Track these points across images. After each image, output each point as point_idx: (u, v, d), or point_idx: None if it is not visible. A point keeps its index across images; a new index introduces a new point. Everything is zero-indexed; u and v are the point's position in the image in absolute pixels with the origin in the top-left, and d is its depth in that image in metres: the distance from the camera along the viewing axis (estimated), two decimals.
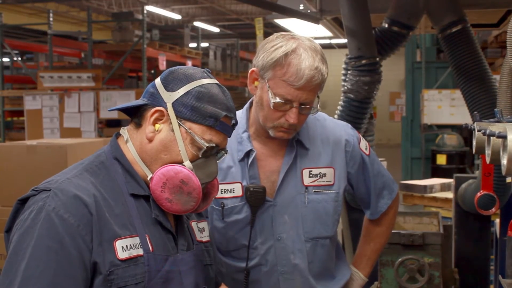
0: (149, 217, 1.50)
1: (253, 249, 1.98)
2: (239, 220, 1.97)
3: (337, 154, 2.03)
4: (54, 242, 1.35)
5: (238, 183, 1.96)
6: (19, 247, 1.35)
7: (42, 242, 1.34)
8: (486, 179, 1.57)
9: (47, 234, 1.35)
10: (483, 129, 1.15)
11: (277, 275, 1.99)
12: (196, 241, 1.61)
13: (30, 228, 1.36)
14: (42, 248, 1.34)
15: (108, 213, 1.42)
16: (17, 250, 1.35)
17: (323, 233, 2.01)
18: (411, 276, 2.77)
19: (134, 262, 1.43)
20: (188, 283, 1.51)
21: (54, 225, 1.36)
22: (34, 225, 1.36)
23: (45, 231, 1.35)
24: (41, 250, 1.34)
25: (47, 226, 1.35)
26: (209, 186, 1.58)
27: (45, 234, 1.35)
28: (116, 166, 1.51)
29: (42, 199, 1.38)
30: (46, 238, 1.35)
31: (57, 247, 1.35)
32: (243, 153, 1.96)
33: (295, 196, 1.98)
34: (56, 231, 1.35)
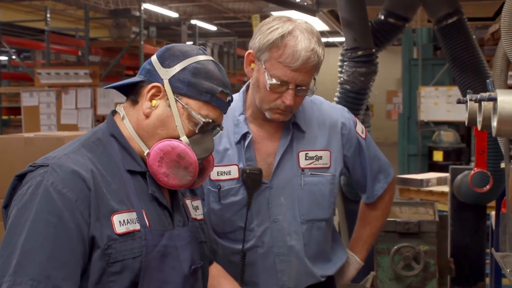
0: (145, 193, 1.51)
1: (249, 231, 1.99)
2: (236, 202, 1.98)
3: (334, 137, 2.05)
4: (52, 216, 1.36)
5: (235, 165, 1.98)
6: (17, 221, 1.36)
7: (41, 216, 1.35)
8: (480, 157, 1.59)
9: (45, 208, 1.36)
10: (475, 97, 1.17)
11: (273, 257, 2.00)
12: (191, 218, 1.63)
13: (28, 202, 1.37)
14: (41, 222, 1.35)
15: (105, 188, 1.44)
16: (15, 224, 1.36)
17: (319, 215, 2.02)
18: (406, 263, 2.79)
19: (131, 236, 1.44)
20: (184, 258, 1.52)
21: (52, 200, 1.37)
22: (32, 199, 1.37)
23: (43, 205, 1.36)
24: (40, 224, 1.35)
25: (46, 200, 1.37)
26: (205, 162, 1.60)
27: (44, 209, 1.36)
28: (113, 143, 1.52)
29: (40, 174, 1.40)
30: (45, 213, 1.36)
31: (55, 221, 1.36)
32: (240, 135, 1.98)
33: (291, 178, 1.99)
34: (54, 205, 1.37)
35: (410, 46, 10.35)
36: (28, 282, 1.30)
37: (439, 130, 9.59)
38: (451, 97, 9.61)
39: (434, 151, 9.42)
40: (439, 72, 9.97)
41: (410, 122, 10.15)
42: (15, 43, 12.25)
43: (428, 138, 9.82)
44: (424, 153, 9.87)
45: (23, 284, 1.30)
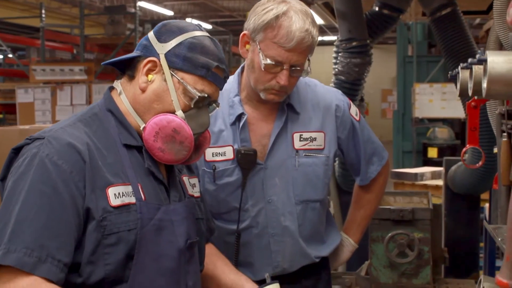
0: (141, 167, 1.52)
1: (244, 212, 2.01)
2: (230, 183, 2.00)
3: (328, 119, 2.07)
4: (47, 187, 1.37)
5: (230, 146, 1.99)
6: (13, 192, 1.38)
7: (35, 186, 1.37)
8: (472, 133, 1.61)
9: (40, 179, 1.37)
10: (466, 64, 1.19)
11: (268, 237, 2.02)
12: (188, 195, 1.64)
13: (24, 174, 1.38)
14: (36, 192, 1.36)
15: (100, 161, 1.45)
16: (11, 195, 1.38)
17: (313, 196, 2.04)
18: (401, 251, 2.80)
19: (127, 209, 1.45)
20: (180, 233, 1.53)
21: (47, 171, 1.38)
22: (27, 171, 1.38)
23: (38, 176, 1.37)
24: (35, 195, 1.36)
25: (41, 171, 1.38)
26: (201, 138, 1.61)
27: (39, 179, 1.37)
28: (109, 118, 1.54)
29: (36, 147, 1.41)
30: (40, 183, 1.37)
31: (50, 192, 1.37)
32: (235, 116, 1.99)
33: (286, 159, 2.01)
34: (49, 176, 1.38)
35: (405, 43, 10.39)
36: (22, 250, 1.32)
37: (433, 127, 9.62)
38: (446, 94, 9.66)
39: (429, 147, 9.45)
40: (434, 69, 10.01)
41: (405, 119, 10.19)
42: (10, 40, 12.23)
43: (423, 135, 9.86)
44: (419, 149, 9.91)
45: (17, 252, 1.31)
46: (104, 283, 1.42)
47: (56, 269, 1.35)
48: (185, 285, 1.54)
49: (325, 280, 2.14)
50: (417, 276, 2.84)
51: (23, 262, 1.31)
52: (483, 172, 3.29)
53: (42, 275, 1.32)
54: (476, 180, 3.38)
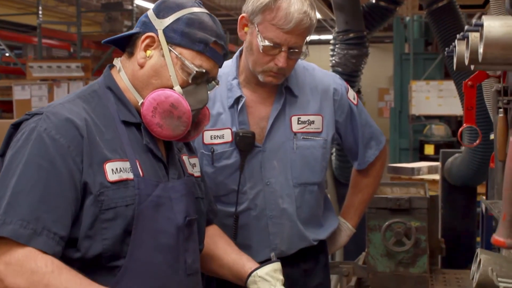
0: (140, 144, 1.53)
1: (242, 194, 2.02)
2: (229, 165, 2.01)
3: (326, 102, 2.08)
4: (44, 160, 1.38)
5: (228, 129, 2.01)
6: (10, 165, 1.39)
7: (32, 160, 1.38)
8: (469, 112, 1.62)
9: (38, 153, 1.38)
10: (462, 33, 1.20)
11: (266, 220, 2.03)
12: (187, 174, 1.65)
13: (21, 148, 1.40)
14: (33, 165, 1.37)
15: (98, 137, 1.46)
16: (8, 168, 1.39)
17: (311, 179, 2.05)
18: (398, 239, 2.80)
19: (124, 185, 1.46)
20: (178, 210, 1.54)
21: (45, 145, 1.39)
22: (25, 145, 1.39)
23: (36, 150, 1.38)
24: (32, 168, 1.37)
25: (38, 145, 1.39)
26: (200, 116, 1.61)
27: (36, 153, 1.38)
28: (109, 95, 1.55)
29: (34, 121, 1.42)
30: (37, 157, 1.38)
31: (47, 165, 1.38)
32: (233, 99, 2.01)
33: (284, 142, 2.02)
34: (47, 150, 1.39)
35: (401, 41, 10.42)
36: (18, 222, 1.32)
37: (430, 124, 9.65)
38: (442, 91, 9.69)
39: (426, 144, 9.48)
40: (431, 67, 10.03)
41: (402, 116, 10.21)
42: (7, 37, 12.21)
43: (419, 132, 9.88)
44: (416, 147, 9.93)
45: (12, 224, 1.32)
46: (101, 258, 1.43)
47: (52, 241, 1.35)
48: (183, 263, 1.55)
49: (323, 263, 2.15)
50: (414, 265, 2.84)
51: (19, 233, 1.32)
52: (480, 163, 3.31)
53: (37, 247, 1.33)
54: (473, 171, 3.40)
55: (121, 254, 1.45)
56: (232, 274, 1.77)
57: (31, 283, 1.30)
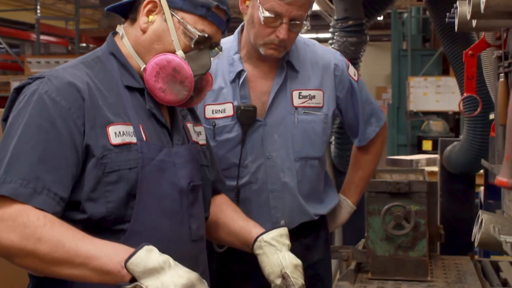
0: (143, 110, 1.54)
1: (243, 168, 2.03)
2: (230, 139, 2.02)
3: (326, 77, 2.10)
4: (45, 122, 1.39)
5: (229, 103, 2.02)
6: (11, 127, 1.40)
7: (33, 121, 1.39)
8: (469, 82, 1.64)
9: (38, 114, 1.39)
10: None
11: (267, 193, 2.04)
12: (192, 141, 1.66)
13: (22, 109, 1.41)
14: (33, 126, 1.38)
15: (101, 101, 1.47)
16: (9, 130, 1.40)
17: (312, 153, 2.07)
18: (397, 223, 2.80)
19: (127, 148, 1.46)
20: (182, 175, 1.55)
21: (46, 107, 1.40)
22: (26, 106, 1.41)
23: (36, 111, 1.40)
24: (32, 128, 1.38)
25: (39, 107, 1.40)
26: (203, 82, 1.62)
27: (37, 114, 1.39)
28: (112, 61, 1.55)
29: (36, 85, 1.44)
30: (37, 118, 1.39)
31: (48, 126, 1.39)
32: (234, 73, 2.02)
33: (285, 116, 2.03)
34: (47, 112, 1.39)
35: (399, 37, 10.45)
36: (18, 181, 1.33)
37: (428, 120, 9.68)
38: (440, 87, 9.73)
39: (424, 140, 9.52)
40: (428, 63, 10.06)
41: (400, 112, 10.25)
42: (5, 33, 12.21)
43: (417, 128, 9.92)
44: (414, 143, 9.97)
45: (12, 183, 1.33)
46: (105, 221, 1.44)
47: (52, 201, 1.36)
48: (188, 228, 1.56)
49: (323, 239, 2.16)
50: (414, 249, 2.85)
51: (18, 192, 1.33)
52: (479, 150, 3.32)
53: (37, 205, 1.34)
54: (472, 158, 3.40)
55: (125, 218, 1.46)
56: (239, 240, 1.78)
57: (24, 237, 1.31)
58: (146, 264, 1.28)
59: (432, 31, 11.02)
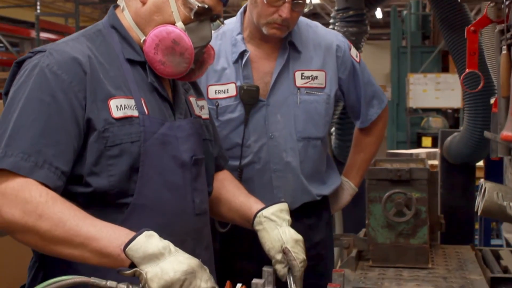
0: (145, 83, 1.54)
1: (246, 147, 2.04)
2: (233, 119, 2.03)
3: (329, 58, 2.11)
4: (46, 95, 1.38)
5: (232, 83, 2.03)
6: (12, 101, 1.40)
7: (34, 94, 1.38)
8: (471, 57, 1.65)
9: (39, 87, 1.39)
10: None
11: (270, 173, 2.05)
12: (194, 115, 1.66)
13: (23, 83, 1.40)
14: (34, 100, 1.38)
15: (102, 74, 1.46)
16: (10, 104, 1.40)
17: (314, 133, 2.08)
18: (398, 210, 2.81)
19: (129, 122, 1.46)
20: (185, 149, 1.54)
21: (47, 80, 1.39)
22: (27, 80, 1.40)
23: (37, 85, 1.39)
24: (33, 102, 1.38)
25: (40, 80, 1.39)
26: (205, 55, 1.62)
27: (38, 88, 1.39)
28: (113, 34, 1.55)
29: (37, 58, 1.44)
30: (39, 91, 1.39)
31: (49, 100, 1.38)
32: (237, 54, 2.03)
33: (288, 97, 2.05)
34: (48, 85, 1.39)
35: (398, 34, 10.47)
36: (19, 155, 1.33)
37: (427, 116, 9.70)
38: (440, 84, 9.75)
39: (423, 137, 9.55)
40: (428, 60, 10.08)
41: (399, 109, 10.26)
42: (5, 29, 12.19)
43: (417, 125, 9.94)
44: (413, 140, 9.99)
45: (13, 157, 1.33)
46: (108, 195, 1.44)
47: (54, 175, 1.35)
48: (192, 202, 1.56)
49: (325, 220, 2.17)
50: (415, 236, 2.85)
51: (20, 166, 1.32)
52: (479, 139, 3.33)
53: (38, 179, 1.33)
54: (472, 147, 3.41)
55: (128, 192, 1.46)
56: (240, 216, 1.77)
57: (25, 213, 1.30)
58: (145, 250, 1.26)
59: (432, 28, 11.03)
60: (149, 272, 1.23)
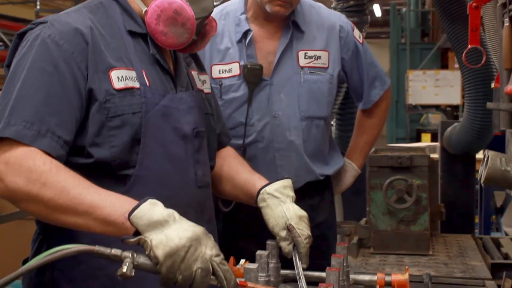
0: (146, 55, 1.54)
1: (250, 126, 2.05)
2: (237, 98, 2.04)
3: (332, 38, 2.12)
4: (48, 65, 1.39)
5: (236, 63, 2.05)
6: (15, 72, 1.40)
7: (36, 64, 1.38)
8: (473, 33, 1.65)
9: (41, 57, 1.39)
10: None
11: (273, 152, 2.06)
12: (196, 89, 1.66)
13: (25, 54, 1.41)
14: (36, 70, 1.38)
15: (103, 45, 1.46)
16: (13, 75, 1.40)
17: (317, 113, 2.09)
18: (399, 197, 2.82)
19: (130, 93, 1.46)
20: (186, 121, 1.54)
21: (48, 50, 1.40)
22: (29, 51, 1.40)
23: (39, 55, 1.39)
24: (35, 72, 1.38)
25: (42, 51, 1.40)
26: (207, 27, 1.62)
27: (40, 58, 1.39)
28: (114, 6, 1.55)
29: (39, 29, 1.44)
30: (41, 61, 1.39)
31: (51, 70, 1.38)
32: (241, 33, 2.05)
33: (291, 76, 2.06)
34: (50, 55, 1.39)
35: (398, 31, 10.49)
36: (22, 123, 1.33)
37: (427, 113, 9.72)
38: (439, 81, 9.77)
39: (422, 133, 9.56)
40: (427, 56, 10.10)
41: (399, 106, 10.28)
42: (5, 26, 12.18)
43: (416, 122, 9.96)
44: (412, 136, 10.01)
45: (16, 125, 1.33)
46: (110, 166, 1.44)
47: (56, 144, 1.35)
48: (194, 174, 1.56)
49: (328, 200, 2.18)
50: (415, 223, 2.87)
51: (22, 134, 1.32)
52: (480, 129, 3.34)
53: (41, 147, 1.33)
54: (473, 137, 3.42)
55: (130, 163, 1.46)
56: (244, 193, 1.75)
57: (29, 181, 1.29)
58: (150, 217, 1.25)
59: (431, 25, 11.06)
60: (154, 239, 1.23)
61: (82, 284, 1.44)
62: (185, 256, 1.23)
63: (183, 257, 1.23)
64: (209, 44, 2.00)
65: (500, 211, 5.01)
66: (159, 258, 1.22)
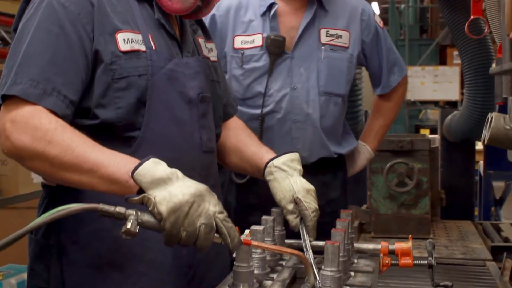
0: (152, 20, 1.54)
1: (268, 97, 2.08)
2: (257, 68, 2.08)
3: (354, 20, 2.17)
4: (54, 26, 1.39)
5: (259, 34, 2.09)
6: (21, 33, 1.41)
7: (42, 25, 1.39)
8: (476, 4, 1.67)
9: (48, 19, 1.40)
10: None
11: (290, 123, 2.09)
12: (202, 55, 1.67)
13: (32, 16, 1.41)
14: (43, 30, 1.39)
15: (110, 9, 1.47)
16: (20, 36, 1.41)
17: (336, 90, 2.12)
18: (400, 180, 2.84)
19: (136, 55, 1.47)
20: (191, 86, 1.55)
21: (55, 12, 1.40)
22: (36, 13, 1.41)
23: (46, 16, 1.40)
24: (42, 32, 1.39)
25: (48, 12, 1.40)
26: None
27: (46, 19, 1.40)
28: None
29: None
30: (47, 22, 1.39)
31: (57, 31, 1.39)
32: (265, 6, 2.09)
33: (312, 52, 2.10)
34: (57, 16, 1.40)
35: (396, 27, 10.51)
36: (28, 82, 1.34)
37: (425, 109, 9.74)
38: (438, 77, 9.78)
39: (421, 129, 9.56)
40: (426, 53, 10.12)
41: None
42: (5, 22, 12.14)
43: (415, 118, 9.97)
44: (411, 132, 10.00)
45: (22, 84, 1.33)
46: (116, 127, 1.44)
47: (62, 103, 1.36)
48: (199, 138, 1.56)
49: (340, 178, 2.21)
50: (416, 207, 2.88)
51: (28, 92, 1.33)
52: (479, 115, 3.36)
53: (47, 106, 1.34)
54: (473, 124, 3.44)
55: (136, 125, 1.46)
56: (251, 166, 1.75)
57: (35, 139, 1.30)
58: (153, 175, 1.25)
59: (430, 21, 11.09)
60: (157, 196, 1.23)
61: (88, 246, 1.45)
62: (188, 211, 1.23)
63: (187, 213, 1.23)
64: (232, 16, 2.04)
65: (499, 203, 5.03)
66: (163, 214, 1.22)
